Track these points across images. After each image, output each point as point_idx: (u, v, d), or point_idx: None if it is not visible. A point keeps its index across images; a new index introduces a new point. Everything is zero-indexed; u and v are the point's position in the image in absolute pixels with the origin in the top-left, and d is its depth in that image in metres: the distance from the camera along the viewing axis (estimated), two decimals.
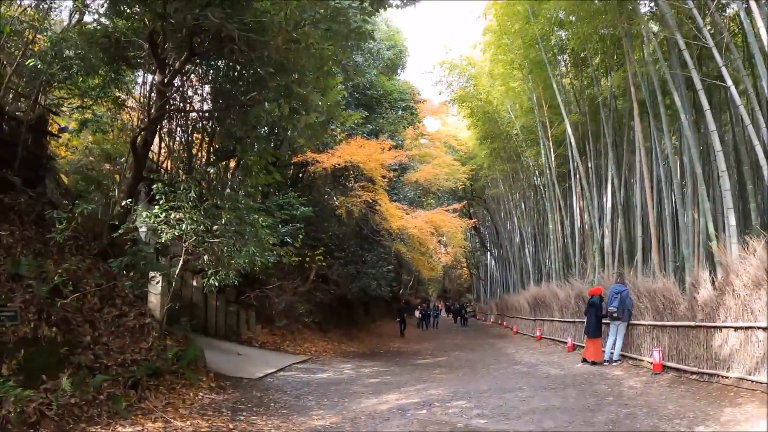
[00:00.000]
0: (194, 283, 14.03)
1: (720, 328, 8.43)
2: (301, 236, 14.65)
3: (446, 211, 17.19)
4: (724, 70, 10.37)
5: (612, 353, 11.80)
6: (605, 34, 16.05)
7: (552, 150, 20.60)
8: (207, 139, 13.33)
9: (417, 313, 33.82)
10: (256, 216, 9.28)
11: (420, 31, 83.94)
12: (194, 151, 13.82)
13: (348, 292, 21.04)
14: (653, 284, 11.00)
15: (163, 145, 14.83)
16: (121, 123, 14.76)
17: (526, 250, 26.33)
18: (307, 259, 15.49)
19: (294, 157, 15.88)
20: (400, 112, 20.24)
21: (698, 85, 10.55)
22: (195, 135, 13.87)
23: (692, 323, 9.18)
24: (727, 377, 8.13)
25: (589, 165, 17.70)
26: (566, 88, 19.61)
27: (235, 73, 10.96)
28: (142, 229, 10.14)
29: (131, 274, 9.74)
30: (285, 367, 11.94)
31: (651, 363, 10.23)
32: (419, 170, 20.61)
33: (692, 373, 9.02)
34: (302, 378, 10.88)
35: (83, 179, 14.46)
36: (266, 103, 8.71)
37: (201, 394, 8.42)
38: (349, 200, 15.41)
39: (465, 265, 57.74)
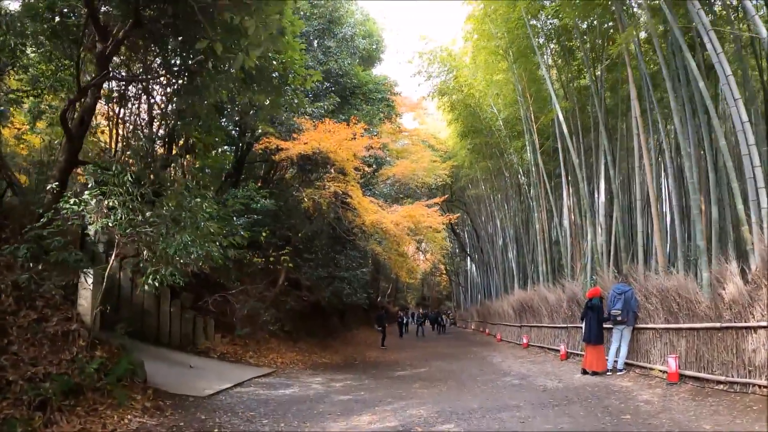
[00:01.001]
0: (146, 287, 12.34)
1: (754, 329, 7.11)
2: (264, 234, 13.04)
3: (426, 206, 15.66)
4: (757, 19, 9.12)
5: (616, 361, 10.55)
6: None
7: (538, 143, 19.39)
8: (155, 118, 11.66)
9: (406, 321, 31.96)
10: (199, 200, 7.67)
11: (399, 28, 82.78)
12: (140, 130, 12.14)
13: (322, 298, 19.41)
14: (665, 282, 9.68)
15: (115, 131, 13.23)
16: None
17: (510, 253, 25.06)
18: (272, 259, 13.82)
19: (256, 144, 14.19)
20: (376, 105, 18.73)
21: (717, 48, 9.24)
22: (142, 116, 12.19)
23: (717, 324, 7.85)
24: (765, 387, 6.80)
25: (581, 157, 16.46)
26: (553, 78, 18.42)
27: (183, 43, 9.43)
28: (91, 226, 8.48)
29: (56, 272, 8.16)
30: (243, 381, 10.28)
31: (664, 372, 8.94)
32: (396, 165, 19.10)
33: (718, 382, 7.70)
34: (261, 395, 9.24)
35: (39, 175, 12.72)
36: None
37: (129, 416, 6.79)
38: (317, 192, 13.78)
39: (444, 271, 56.54)
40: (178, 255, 7.16)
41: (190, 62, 8.55)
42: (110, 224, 7.85)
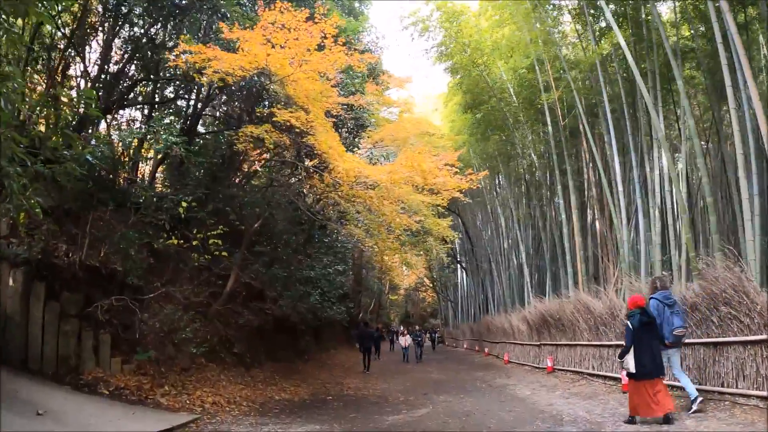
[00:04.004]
0: (10, 281, 7.94)
1: None
2: (185, 202, 8.69)
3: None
4: None
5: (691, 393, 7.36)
6: None
7: (561, 117, 15.51)
8: None
9: (403, 341, 23.78)
10: None
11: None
12: None
13: (291, 312, 14.96)
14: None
15: None
16: None
17: (520, 258, 20.87)
18: (195, 242, 9.32)
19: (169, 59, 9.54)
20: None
21: None
22: None
23: None
24: None
25: (611, 135, 12.68)
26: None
27: None
28: None
29: None
30: None
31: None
32: (383, 127, 14.71)
33: None
34: None
35: None
36: None
37: None
38: (258, 129, 9.06)
39: (431, 285, 52.33)
40: None
41: None
42: None
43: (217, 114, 12.94)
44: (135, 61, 11.71)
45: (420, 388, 13.26)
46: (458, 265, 37.72)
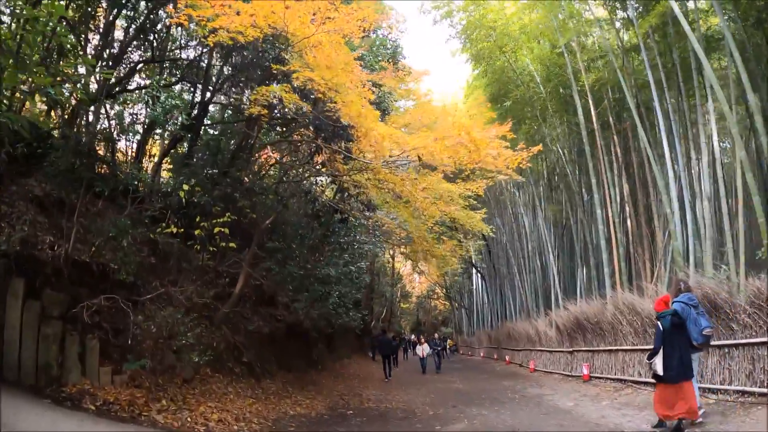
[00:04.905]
0: None
1: None
2: (187, 185, 7.55)
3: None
4: None
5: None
6: None
7: (593, 106, 14.38)
8: None
9: (420, 351, 21.09)
10: None
11: None
12: None
13: (304, 318, 13.82)
14: None
15: None
16: None
17: (546, 259, 19.56)
18: (198, 231, 8.09)
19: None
20: (372, 36, 13.21)
21: None
22: None
23: None
24: None
25: (665, 111, 11.50)
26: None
27: None
28: None
29: None
30: None
31: None
32: (408, 111, 13.53)
33: None
34: None
35: None
36: None
37: None
38: (270, 91, 7.67)
39: (443, 293, 50.91)
40: None
41: None
42: None
43: (231, 99, 11.70)
44: (137, 41, 10.68)
45: (447, 400, 12.03)
46: (474, 271, 36.34)
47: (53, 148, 7.17)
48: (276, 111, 8.36)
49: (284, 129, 9.49)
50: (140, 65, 11.32)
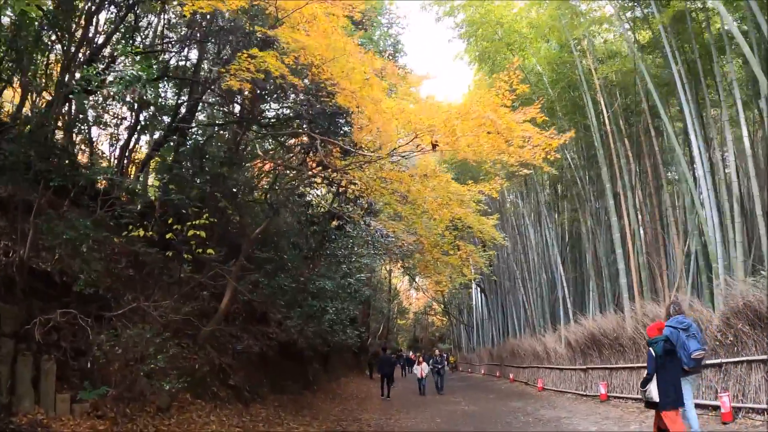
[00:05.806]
0: None
1: None
2: (158, 181, 6.57)
3: None
4: None
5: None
6: None
7: (605, 108, 13.59)
8: None
9: (418, 371, 19.51)
10: None
11: None
12: None
13: (299, 337, 12.75)
14: None
15: None
16: None
17: (552, 272, 18.59)
18: (170, 236, 7.00)
19: None
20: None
21: None
22: None
23: None
24: None
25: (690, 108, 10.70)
26: None
27: None
28: None
29: None
30: None
31: None
32: (412, 111, 12.66)
33: None
34: None
35: None
36: None
37: None
38: (261, 60, 6.56)
39: (440, 308, 49.73)
40: None
41: None
42: None
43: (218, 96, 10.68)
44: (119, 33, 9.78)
45: (456, 424, 10.96)
46: (474, 286, 35.27)
47: (8, 137, 6.19)
48: (264, 92, 7.35)
49: (275, 124, 8.48)
50: (123, 57, 10.43)
